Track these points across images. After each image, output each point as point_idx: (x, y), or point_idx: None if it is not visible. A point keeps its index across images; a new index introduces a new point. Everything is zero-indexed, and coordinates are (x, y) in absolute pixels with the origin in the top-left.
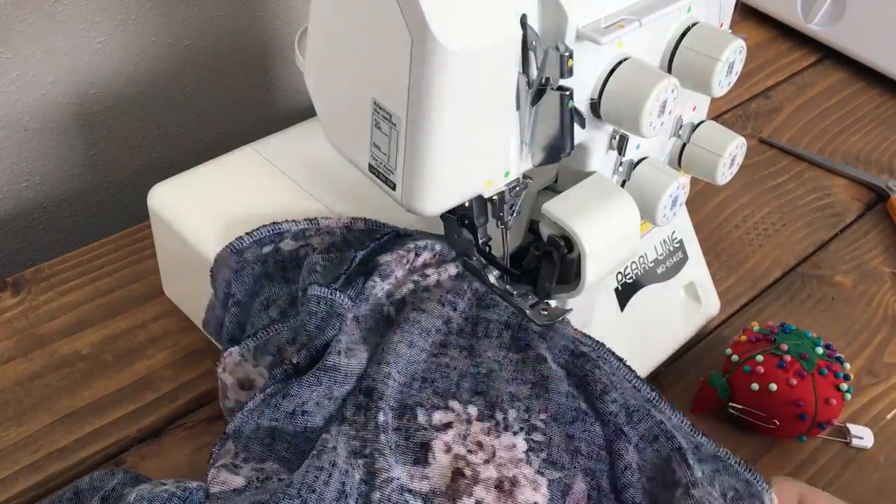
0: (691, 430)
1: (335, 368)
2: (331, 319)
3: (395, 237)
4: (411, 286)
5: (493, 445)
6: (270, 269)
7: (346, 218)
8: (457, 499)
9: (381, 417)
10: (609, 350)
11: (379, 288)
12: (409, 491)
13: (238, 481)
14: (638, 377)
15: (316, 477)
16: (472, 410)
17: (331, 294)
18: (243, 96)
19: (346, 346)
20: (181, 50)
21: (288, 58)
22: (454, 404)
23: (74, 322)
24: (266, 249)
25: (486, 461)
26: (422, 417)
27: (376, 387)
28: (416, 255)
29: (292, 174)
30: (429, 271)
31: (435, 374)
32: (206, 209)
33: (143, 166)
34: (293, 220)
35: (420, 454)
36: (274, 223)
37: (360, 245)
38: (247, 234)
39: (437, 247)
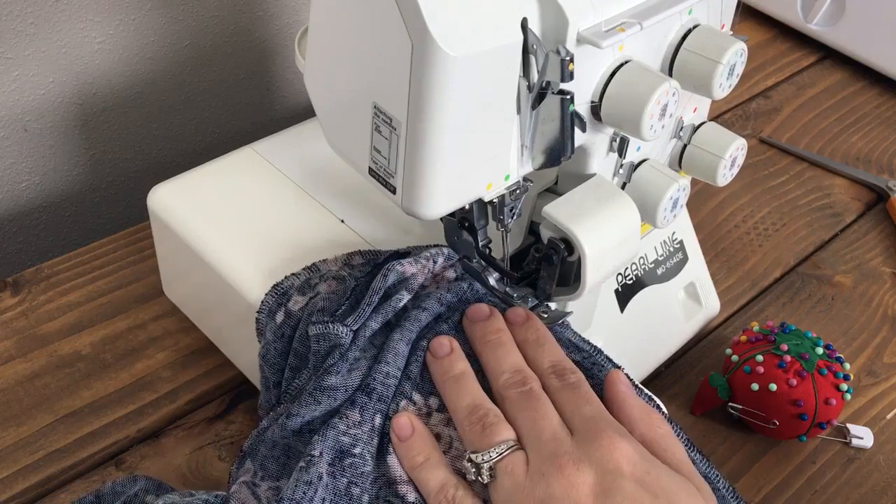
0: (687, 446)
1: (333, 388)
2: (332, 351)
3: (395, 256)
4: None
5: (450, 436)
6: (287, 342)
7: (343, 255)
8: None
9: (377, 420)
10: (606, 357)
11: (407, 301)
12: (407, 481)
13: None
14: (635, 385)
15: (304, 493)
16: (433, 402)
17: (325, 328)
18: (243, 97)
19: (350, 365)
20: (181, 50)
21: (288, 58)
22: (416, 396)
23: (74, 322)
24: (279, 318)
25: (443, 452)
26: (390, 408)
27: (376, 387)
28: (435, 261)
29: (292, 175)
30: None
31: (412, 365)
32: (206, 210)
33: (143, 166)
34: (294, 274)
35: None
36: (275, 285)
37: (362, 275)
38: (258, 311)
39: (446, 251)
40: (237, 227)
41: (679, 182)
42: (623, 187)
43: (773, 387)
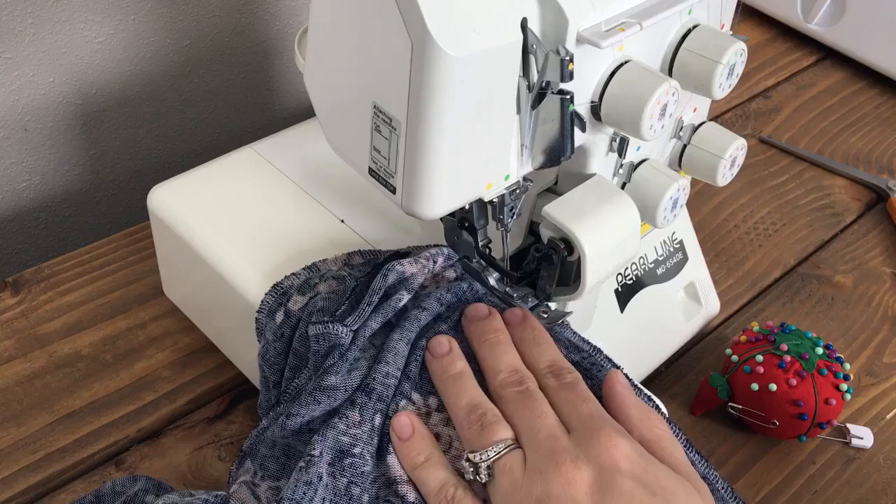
0: (686, 447)
1: (333, 388)
2: (332, 351)
3: (395, 256)
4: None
5: (450, 436)
6: (287, 342)
7: (343, 255)
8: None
9: (377, 420)
10: (606, 357)
11: (406, 301)
12: (407, 481)
13: None
14: (635, 386)
15: (304, 493)
16: (433, 402)
17: (324, 328)
18: (243, 97)
19: (350, 365)
20: (181, 50)
21: (288, 58)
22: (416, 395)
23: (74, 322)
24: (279, 318)
25: (443, 451)
26: (390, 408)
27: (376, 387)
28: (434, 261)
29: (292, 175)
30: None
31: (412, 365)
32: (205, 210)
33: (143, 166)
34: (294, 274)
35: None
36: (275, 285)
37: (362, 275)
38: (258, 311)
39: (446, 251)
40: (237, 227)
41: (679, 182)
42: (623, 187)
43: (773, 387)
